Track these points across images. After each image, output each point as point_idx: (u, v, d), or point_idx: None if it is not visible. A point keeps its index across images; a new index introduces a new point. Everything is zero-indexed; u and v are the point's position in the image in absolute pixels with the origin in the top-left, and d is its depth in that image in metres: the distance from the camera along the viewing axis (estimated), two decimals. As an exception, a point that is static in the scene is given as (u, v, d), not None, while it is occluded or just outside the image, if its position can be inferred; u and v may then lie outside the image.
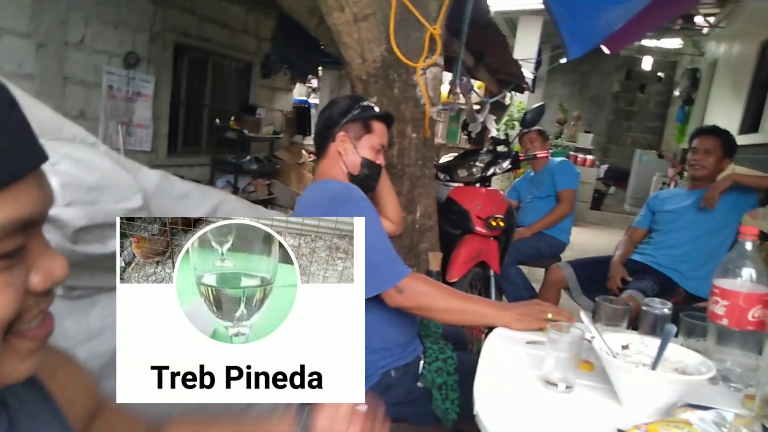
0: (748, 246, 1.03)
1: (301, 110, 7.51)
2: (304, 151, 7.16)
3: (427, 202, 2.22)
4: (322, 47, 4.33)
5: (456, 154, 2.90)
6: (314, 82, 8.06)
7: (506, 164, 2.72)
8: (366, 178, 1.60)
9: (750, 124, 6.09)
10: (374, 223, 1.39)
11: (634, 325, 1.34)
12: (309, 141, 7.45)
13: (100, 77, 4.45)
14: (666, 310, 1.19)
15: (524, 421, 0.87)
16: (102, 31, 4.40)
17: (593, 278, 2.66)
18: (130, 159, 1.04)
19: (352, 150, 1.57)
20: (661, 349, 0.96)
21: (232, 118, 5.92)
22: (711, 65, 8.69)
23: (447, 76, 3.80)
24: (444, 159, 2.86)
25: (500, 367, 1.07)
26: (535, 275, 3.90)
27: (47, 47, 3.92)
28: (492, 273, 2.59)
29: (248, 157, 5.94)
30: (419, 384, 1.42)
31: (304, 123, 7.48)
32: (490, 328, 1.33)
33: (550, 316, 1.24)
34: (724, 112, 7.38)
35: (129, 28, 4.64)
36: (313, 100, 7.87)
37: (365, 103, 1.61)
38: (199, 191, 1.19)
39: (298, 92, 7.72)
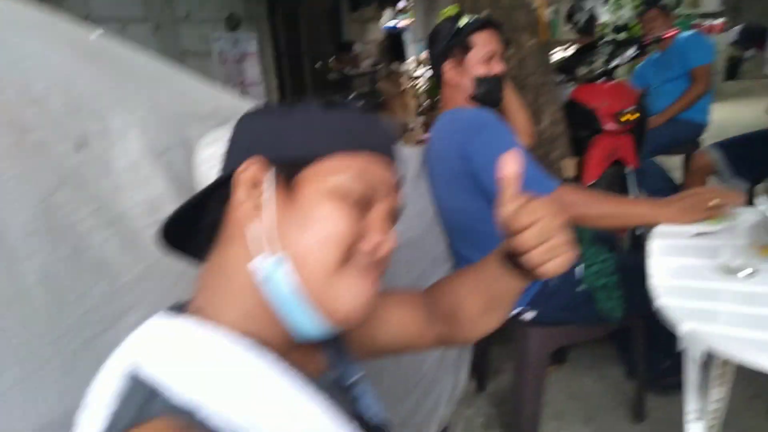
0: None
1: (393, 37, 7.39)
2: (403, 79, 7.09)
3: (553, 109, 2.17)
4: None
5: (565, 49, 2.74)
6: (401, 3, 7.83)
7: (631, 52, 2.54)
8: (488, 94, 1.57)
9: None
10: (514, 141, 1.41)
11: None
12: (407, 67, 7.35)
13: (209, 45, 4.71)
14: None
15: (709, 310, 0.88)
16: (202, 0, 4.61)
17: (745, 157, 2.45)
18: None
19: (463, 73, 1.56)
20: None
21: (331, 59, 6.01)
22: None
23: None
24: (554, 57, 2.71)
25: (673, 262, 1.07)
26: (669, 164, 3.65)
27: (161, 28, 4.22)
28: (628, 170, 2.49)
29: (352, 95, 6.05)
30: (579, 288, 1.46)
31: (398, 50, 7.37)
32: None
33: (716, 202, 1.20)
34: None
35: (223, -8, 4.83)
36: (403, 23, 7.67)
37: (459, 23, 1.57)
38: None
39: (385, 17, 7.56)
